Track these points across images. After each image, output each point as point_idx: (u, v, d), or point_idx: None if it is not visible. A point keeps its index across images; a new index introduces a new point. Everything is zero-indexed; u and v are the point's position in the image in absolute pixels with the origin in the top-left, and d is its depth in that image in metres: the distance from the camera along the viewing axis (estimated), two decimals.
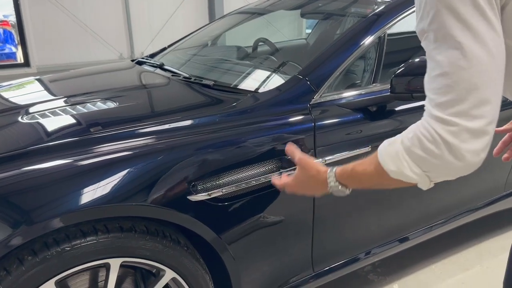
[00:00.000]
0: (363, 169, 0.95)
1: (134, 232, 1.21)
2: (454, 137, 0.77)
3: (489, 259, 2.22)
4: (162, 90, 1.77)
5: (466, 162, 0.79)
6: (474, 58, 0.74)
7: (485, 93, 0.76)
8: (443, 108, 0.77)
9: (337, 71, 1.63)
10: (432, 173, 0.83)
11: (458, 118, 0.76)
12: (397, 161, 0.85)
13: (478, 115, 0.76)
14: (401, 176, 0.85)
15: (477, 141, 0.78)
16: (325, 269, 1.69)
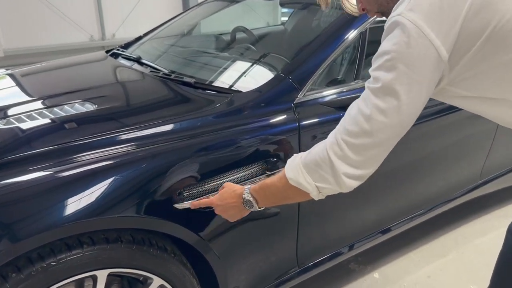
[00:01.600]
0: (271, 181, 1.10)
1: (120, 242, 1.19)
2: (339, 160, 0.95)
3: (465, 244, 2.30)
4: (142, 90, 1.72)
5: (343, 187, 0.98)
6: None
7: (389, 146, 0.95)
8: (341, 132, 0.96)
9: (320, 69, 1.62)
10: (320, 184, 1.00)
11: (349, 148, 0.94)
12: (296, 170, 1.02)
13: (364, 154, 0.94)
14: (297, 184, 1.02)
15: (355, 181, 0.97)
16: (310, 264, 1.71)
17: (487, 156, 2.15)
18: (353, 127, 0.93)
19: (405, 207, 2.02)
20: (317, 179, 0.99)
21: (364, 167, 0.96)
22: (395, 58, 0.86)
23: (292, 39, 2.29)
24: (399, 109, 0.89)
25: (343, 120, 0.97)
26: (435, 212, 2.17)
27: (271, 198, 1.12)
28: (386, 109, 0.89)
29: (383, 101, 0.89)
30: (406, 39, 0.85)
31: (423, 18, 0.84)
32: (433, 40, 0.84)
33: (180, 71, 1.87)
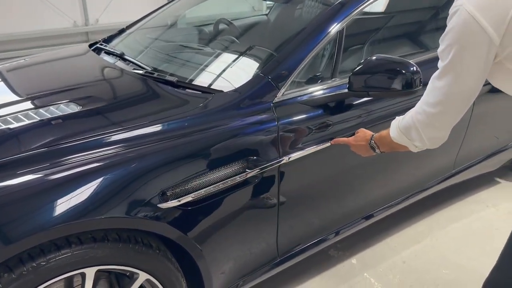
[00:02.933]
0: (386, 135, 1.42)
1: (107, 241, 1.26)
2: (423, 125, 1.24)
3: (439, 230, 2.42)
4: (125, 90, 1.74)
5: (428, 145, 1.29)
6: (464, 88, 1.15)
7: (460, 112, 1.19)
8: (425, 104, 1.22)
9: (298, 68, 1.68)
10: (416, 142, 1.30)
11: (428, 116, 1.21)
12: (395, 131, 1.36)
13: (447, 127, 1.23)
14: (398, 141, 1.36)
15: (437, 141, 1.28)
16: (290, 254, 1.80)
17: (460, 147, 2.25)
18: (430, 98, 1.19)
19: (384, 196, 2.11)
20: (411, 138, 1.30)
21: (442, 130, 1.23)
22: (455, 43, 1.08)
23: (274, 33, 2.33)
24: (461, 83, 1.12)
25: (425, 92, 1.22)
26: (412, 200, 2.27)
27: (386, 146, 1.45)
28: (451, 83, 1.12)
29: (448, 76, 1.12)
30: (464, 28, 1.05)
31: (479, 9, 1.03)
32: (486, 28, 1.03)
33: (163, 68, 1.91)
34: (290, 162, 1.58)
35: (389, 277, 2.10)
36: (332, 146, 1.67)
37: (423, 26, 2.27)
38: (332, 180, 1.82)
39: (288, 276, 2.04)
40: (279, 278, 1.98)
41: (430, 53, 2.03)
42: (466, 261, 2.19)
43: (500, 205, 2.62)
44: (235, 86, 1.66)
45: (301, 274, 2.10)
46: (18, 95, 1.75)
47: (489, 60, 1.08)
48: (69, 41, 6.06)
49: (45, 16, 5.76)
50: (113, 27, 6.20)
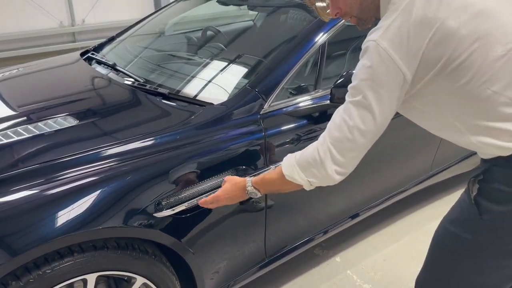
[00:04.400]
0: (270, 176, 1.33)
1: (106, 249, 1.35)
2: (327, 160, 1.16)
3: (418, 229, 2.55)
4: (118, 102, 1.82)
5: (331, 180, 1.19)
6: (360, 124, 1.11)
7: (358, 147, 1.14)
8: (330, 138, 1.15)
9: (284, 80, 1.78)
10: (311, 180, 1.22)
11: (334, 149, 1.15)
12: (291, 168, 1.25)
13: (347, 155, 1.15)
14: (292, 179, 1.25)
15: (340, 176, 1.19)
16: (277, 255, 1.91)
17: (437, 150, 2.38)
18: (338, 134, 1.14)
19: (366, 197, 2.23)
20: (308, 175, 1.22)
21: (347, 166, 1.18)
22: (369, 79, 1.07)
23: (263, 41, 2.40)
24: (373, 120, 1.10)
25: (329, 125, 1.18)
26: (392, 200, 2.40)
27: (271, 188, 1.36)
28: (363, 120, 1.10)
29: (360, 113, 1.10)
30: (379, 64, 1.05)
31: (393, 48, 1.04)
32: (400, 66, 1.04)
33: (155, 79, 2.00)
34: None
35: (371, 274, 2.23)
36: None
37: None
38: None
39: (275, 274, 2.15)
40: (267, 277, 2.08)
41: None
42: None
43: None
44: (225, 99, 1.75)
45: (287, 272, 2.21)
46: (12, 108, 1.82)
47: (401, 97, 1.10)
48: (55, 42, 6.07)
49: (30, 16, 5.76)
50: (99, 27, 6.25)
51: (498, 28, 1.03)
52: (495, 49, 1.03)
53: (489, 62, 1.03)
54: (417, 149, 2.32)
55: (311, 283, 2.17)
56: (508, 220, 1.11)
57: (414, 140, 2.27)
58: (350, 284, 2.16)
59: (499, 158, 1.10)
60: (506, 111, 1.04)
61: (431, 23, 1.02)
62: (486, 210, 1.13)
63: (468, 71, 1.03)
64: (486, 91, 1.04)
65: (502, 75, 1.03)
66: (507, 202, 1.10)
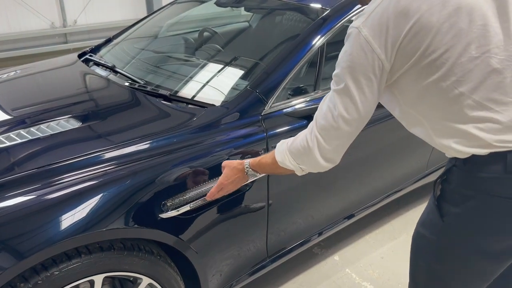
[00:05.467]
0: (265, 161, 1.37)
1: (113, 250, 1.36)
2: (316, 148, 1.17)
3: (413, 227, 2.57)
4: (119, 104, 1.83)
5: (320, 166, 1.21)
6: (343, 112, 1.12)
7: (343, 134, 1.15)
8: (316, 126, 1.17)
9: (285, 81, 1.80)
10: (302, 166, 1.24)
11: (321, 137, 1.16)
12: (283, 155, 1.27)
13: (333, 143, 1.16)
14: (284, 165, 1.28)
15: (328, 164, 1.20)
16: (279, 254, 1.94)
17: (432, 149, 2.42)
18: (324, 122, 1.15)
19: (364, 196, 2.26)
20: (299, 162, 1.24)
21: (334, 154, 1.19)
22: (350, 66, 1.08)
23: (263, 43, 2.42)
24: (356, 109, 1.11)
25: (316, 114, 1.19)
26: (389, 199, 2.44)
27: (267, 171, 1.41)
28: (347, 109, 1.11)
29: (343, 101, 1.11)
30: (358, 51, 1.07)
31: (373, 35, 1.05)
32: (379, 54, 1.06)
33: (155, 81, 2.01)
34: None
35: (369, 272, 2.26)
36: None
37: None
38: (317, 184, 1.95)
39: (276, 273, 2.17)
40: (267, 276, 2.11)
41: None
42: None
43: None
44: (226, 100, 1.77)
45: (287, 271, 2.23)
46: (13, 110, 1.81)
47: (382, 85, 1.11)
48: (47, 43, 6.03)
49: (21, 17, 5.71)
50: (91, 28, 6.22)
51: (476, 29, 1.02)
52: (469, 49, 1.02)
53: (462, 62, 1.02)
54: (413, 148, 2.36)
55: (310, 282, 2.20)
56: (464, 222, 1.12)
57: (410, 140, 2.30)
58: (349, 282, 2.19)
59: (458, 159, 1.11)
60: (470, 114, 1.05)
61: (411, 14, 1.03)
62: (445, 212, 1.14)
63: (441, 67, 1.04)
64: (454, 91, 1.04)
65: (472, 77, 1.03)
66: (462, 204, 1.11)
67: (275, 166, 1.31)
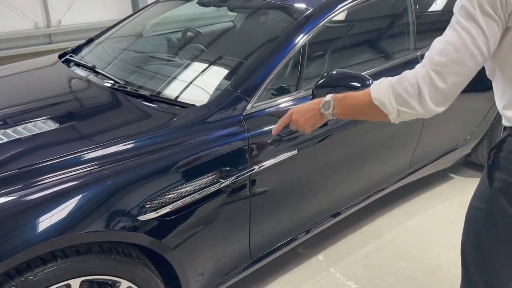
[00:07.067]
0: (355, 95, 1.23)
1: (90, 253, 1.34)
2: (427, 88, 1.07)
3: (397, 226, 2.61)
4: (99, 105, 1.81)
5: (427, 110, 1.10)
6: (470, 44, 1.05)
7: (464, 71, 1.06)
8: (430, 64, 1.07)
9: (266, 81, 1.80)
10: (402, 108, 1.12)
11: (436, 75, 1.06)
12: (382, 90, 1.14)
13: (450, 81, 1.06)
14: (380, 104, 1.14)
15: (438, 108, 1.10)
16: (262, 255, 1.93)
17: (415, 149, 2.44)
18: (441, 58, 1.06)
19: (348, 195, 2.26)
20: (400, 103, 1.11)
21: (448, 94, 1.09)
22: None
23: (244, 42, 2.41)
24: (479, 39, 1.04)
25: (429, 54, 1.10)
26: (373, 198, 2.44)
27: (348, 109, 1.25)
28: (470, 39, 1.04)
29: (467, 32, 1.04)
30: None
31: None
32: None
33: (135, 81, 1.98)
34: (260, 171, 1.70)
35: (353, 271, 2.26)
36: (300, 153, 1.80)
37: (382, 36, 2.44)
38: (300, 184, 1.95)
39: (260, 273, 2.16)
40: (251, 276, 2.09)
41: (388, 61, 2.21)
42: (422, 253, 2.38)
43: (453, 199, 2.84)
44: (207, 100, 1.76)
45: (272, 272, 2.22)
46: None
47: (502, 21, 1.05)
48: (31, 43, 5.95)
49: (4, 18, 5.63)
50: (76, 28, 6.15)
51: None
52: None
53: None
54: (396, 148, 2.37)
55: (295, 282, 2.19)
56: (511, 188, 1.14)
57: (393, 139, 2.32)
58: (333, 281, 2.19)
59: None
60: None
61: None
62: (494, 179, 1.17)
63: None
64: None
65: None
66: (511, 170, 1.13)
67: (364, 103, 1.18)
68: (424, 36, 2.38)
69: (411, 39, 2.32)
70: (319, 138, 1.88)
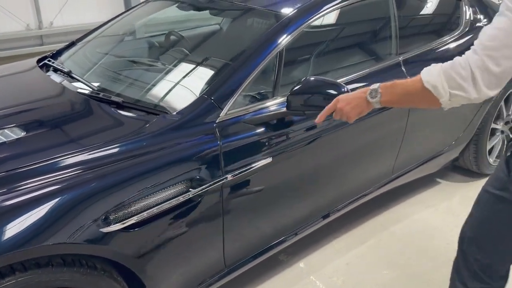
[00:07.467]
0: (404, 81, 1.27)
1: (51, 266, 1.31)
2: (480, 71, 1.11)
3: (381, 232, 2.58)
4: (69, 112, 1.78)
5: (481, 94, 1.14)
6: None
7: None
8: (483, 49, 1.11)
9: (241, 88, 1.77)
10: (454, 92, 1.15)
11: (489, 59, 1.10)
12: (434, 74, 1.18)
13: (503, 65, 1.10)
14: (432, 87, 1.17)
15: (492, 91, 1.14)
16: (237, 265, 1.90)
17: (397, 154, 2.40)
18: (494, 43, 1.10)
19: (326, 203, 2.23)
20: (453, 86, 1.15)
21: (501, 77, 1.13)
22: None
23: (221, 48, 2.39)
24: None
25: (479, 40, 1.14)
26: (355, 204, 2.41)
27: (397, 96, 1.28)
28: None
29: None
30: None
31: None
32: None
33: (110, 87, 1.96)
34: (233, 179, 1.67)
35: (333, 279, 2.23)
36: (275, 160, 1.77)
37: (363, 41, 2.41)
38: (275, 193, 1.91)
39: (239, 281, 2.12)
40: (230, 284, 2.06)
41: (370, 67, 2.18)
42: (405, 260, 2.35)
43: (439, 205, 2.81)
44: (180, 107, 1.73)
45: (251, 279, 2.19)
46: None
47: None
48: (22, 45, 5.92)
49: None
50: (68, 29, 6.11)
51: None
52: None
53: None
54: (378, 154, 2.34)
55: None
56: None
57: (374, 145, 2.29)
58: None
59: None
60: None
61: None
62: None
63: None
64: None
65: None
66: None
67: (415, 89, 1.22)
68: (407, 41, 2.35)
69: (393, 44, 2.29)
70: (295, 146, 1.85)
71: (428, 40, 2.48)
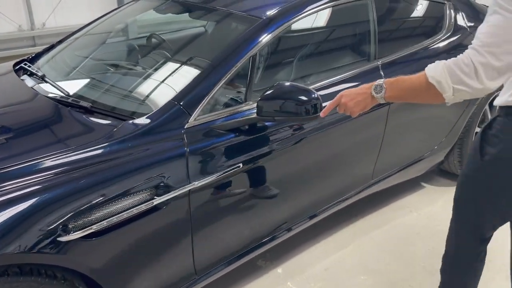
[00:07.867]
0: (408, 77, 1.33)
1: (7, 276, 1.29)
2: (483, 67, 1.16)
3: (361, 237, 2.55)
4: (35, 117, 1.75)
5: (484, 86, 1.19)
6: None
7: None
8: (483, 46, 1.16)
9: (211, 93, 1.74)
10: (457, 86, 1.20)
11: (490, 55, 1.15)
12: (439, 70, 1.23)
13: (505, 59, 1.15)
14: (436, 82, 1.23)
15: (494, 83, 1.18)
16: (209, 272, 1.87)
17: (376, 159, 2.38)
18: (493, 39, 1.15)
19: (300, 209, 2.19)
20: (456, 81, 1.20)
21: (503, 71, 1.18)
22: None
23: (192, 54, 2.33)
24: None
25: (477, 40, 1.18)
26: (335, 209, 2.38)
27: (402, 92, 1.34)
28: None
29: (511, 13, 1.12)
30: None
31: None
32: None
33: (81, 92, 1.93)
34: (200, 186, 1.65)
35: (311, 285, 2.21)
36: (244, 167, 1.74)
37: (340, 45, 2.39)
38: (246, 199, 1.89)
39: (215, 287, 2.11)
40: None
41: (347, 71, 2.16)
42: (384, 266, 2.33)
43: (422, 210, 2.78)
44: (148, 113, 1.70)
45: (227, 285, 2.17)
46: None
47: None
48: (14, 46, 5.90)
49: None
50: (60, 30, 6.09)
51: None
52: None
53: None
54: (355, 159, 2.32)
55: None
56: (500, 161, 1.31)
57: (354, 149, 2.27)
58: None
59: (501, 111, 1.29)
60: None
61: None
62: (486, 153, 1.33)
63: None
64: None
65: None
66: (499, 146, 1.29)
67: (419, 84, 1.27)
68: (386, 45, 2.33)
69: (372, 48, 2.27)
70: (266, 152, 1.83)
71: (408, 44, 2.45)
